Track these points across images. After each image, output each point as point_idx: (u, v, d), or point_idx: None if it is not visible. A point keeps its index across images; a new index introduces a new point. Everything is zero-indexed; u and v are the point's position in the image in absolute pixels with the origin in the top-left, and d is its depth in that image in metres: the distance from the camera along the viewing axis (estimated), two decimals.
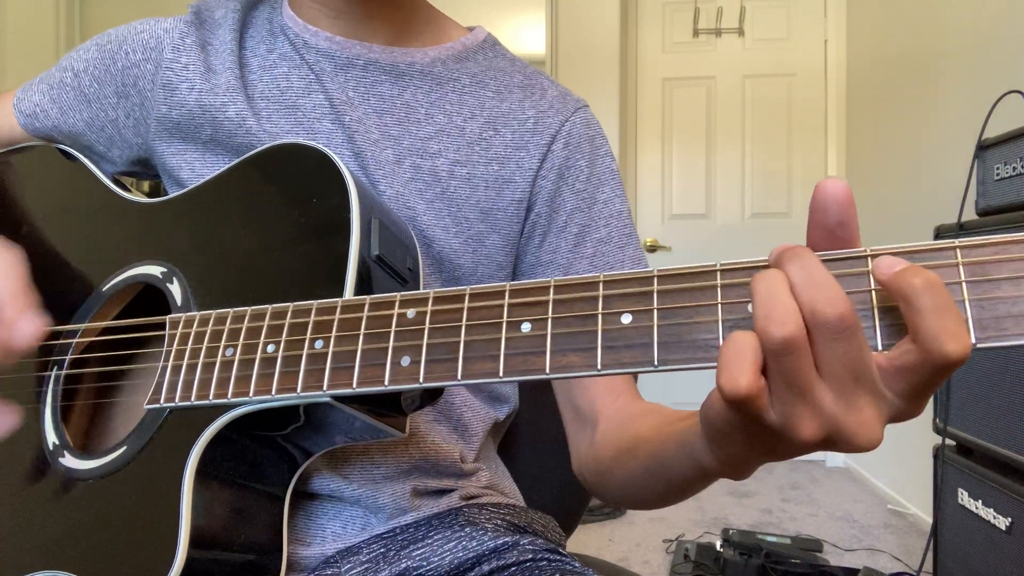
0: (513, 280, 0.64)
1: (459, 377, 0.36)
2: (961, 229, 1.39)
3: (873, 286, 0.30)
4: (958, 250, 0.29)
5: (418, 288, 0.52)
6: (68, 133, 0.64)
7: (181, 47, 0.59)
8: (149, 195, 0.59)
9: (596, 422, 0.58)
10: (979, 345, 0.28)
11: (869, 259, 0.31)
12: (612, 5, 2.76)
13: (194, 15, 0.61)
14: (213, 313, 0.45)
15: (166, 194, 0.60)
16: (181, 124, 0.59)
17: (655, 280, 0.34)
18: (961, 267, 0.29)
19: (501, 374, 0.35)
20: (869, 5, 2.80)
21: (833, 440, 0.30)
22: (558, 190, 0.62)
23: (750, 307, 0.31)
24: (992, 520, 1.28)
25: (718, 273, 0.33)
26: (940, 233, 1.47)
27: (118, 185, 0.61)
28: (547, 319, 0.35)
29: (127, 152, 0.63)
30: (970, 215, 1.42)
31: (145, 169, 0.65)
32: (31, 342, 0.43)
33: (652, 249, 3.15)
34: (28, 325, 0.42)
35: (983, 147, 1.40)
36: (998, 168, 1.35)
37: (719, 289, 0.32)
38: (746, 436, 0.32)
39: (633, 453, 0.49)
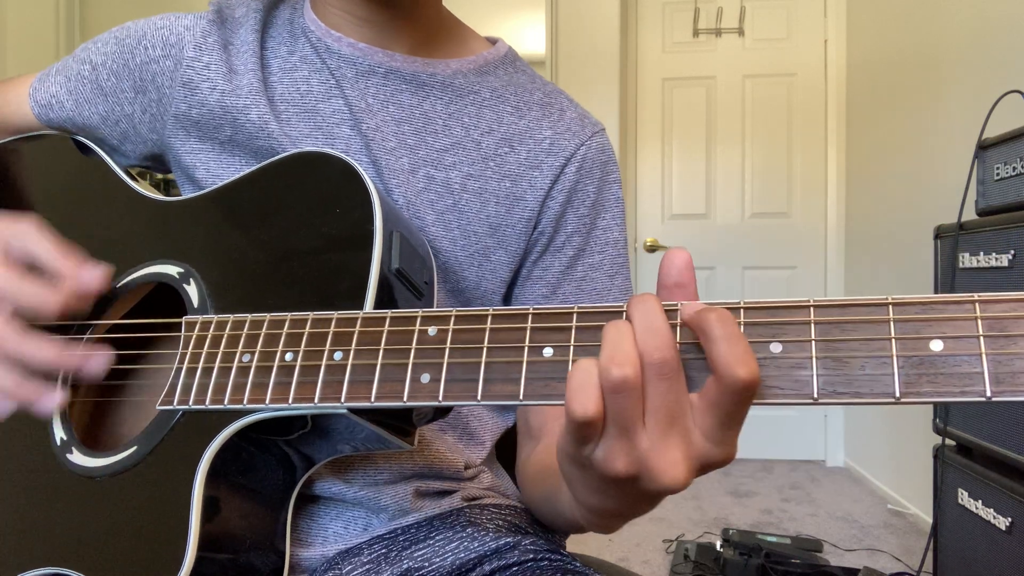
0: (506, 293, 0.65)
1: (479, 398, 0.36)
2: (961, 229, 1.39)
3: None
4: (977, 304, 0.30)
5: (433, 301, 0.52)
6: (82, 126, 0.63)
7: (203, 46, 0.59)
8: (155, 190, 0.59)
9: (539, 440, 0.60)
10: (995, 399, 0.29)
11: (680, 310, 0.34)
12: (612, 5, 2.76)
13: (215, 13, 0.61)
14: (231, 318, 0.45)
15: (176, 191, 0.60)
16: (200, 123, 0.58)
17: (679, 314, 0.34)
18: (979, 321, 0.30)
19: (521, 397, 0.35)
20: (869, 5, 2.80)
21: (641, 477, 0.32)
22: (563, 212, 0.62)
23: (772, 347, 0.32)
24: (992, 520, 1.28)
25: (741, 311, 0.33)
26: (940, 233, 1.48)
27: (131, 179, 0.60)
28: (570, 346, 0.35)
29: (141, 147, 0.63)
30: (970, 215, 1.42)
31: (157, 165, 0.65)
32: (100, 284, 0.47)
33: (652, 249, 3.16)
34: (90, 271, 0.47)
35: (983, 147, 1.40)
36: (998, 168, 1.35)
37: (741, 327, 0.33)
38: (577, 468, 0.35)
39: (539, 480, 0.53)
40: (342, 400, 0.39)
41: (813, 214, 3.10)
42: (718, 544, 1.99)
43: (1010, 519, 1.23)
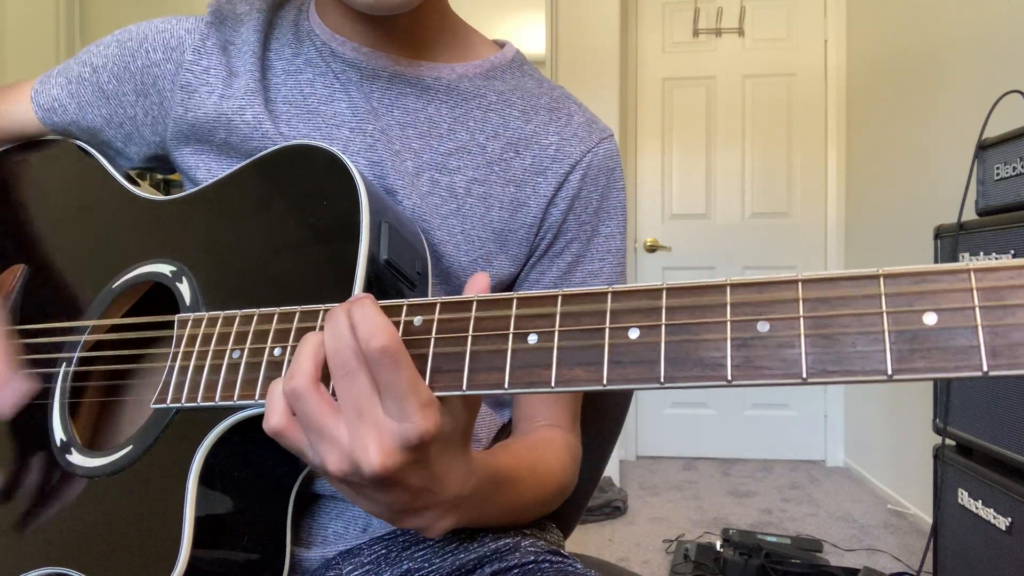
0: None
1: (464, 387, 0.36)
2: (961, 229, 1.39)
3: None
4: (972, 273, 0.28)
5: (427, 290, 0.52)
6: (87, 128, 0.63)
7: (202, 49, 0.59)
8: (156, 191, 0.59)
9: (511, 432, 0.62)
10: (992, 373, 0.27)
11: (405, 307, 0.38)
12: (612, 5, 2.76)
13: (214, 15, 0.61)
14: (221, 314, 0.46)
15: (178, 191, 0.61)
16: (196, 126, 0.59)
17: (664, 294, 0.33)
18: (975, 292, 0.28)
19: (506, 386, 0.35)
20: (869, 5, 2.80)
21: (354, 471, 0.36)
22: (565, 218, 0.61)
23: (760, 326, 0.31)
24: (992, 520, 1.28)
25: (727, 289, 0.32)
26: (940, 233, 1.47)
27: (130, 181, 0.61)
28: (554, 331, 0.35)
29: (144, 149, 0.63)
30: (970, 215, 1.42)
31: (161, 166, 0.65)
32: (12, 411, 0.49)
33: (652, 249, 3.16)
34: (9, 394, 0.49)
35: (983, 147, 1.40)
36: (998, 168, 1.35)
37: (728, 307, 0.32)
38: (327, 480, 0.39)
39: None
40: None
41: (813, 214, 3.10)
42: (718, 544, 1.99)
43: (1010, 519, 1.23)
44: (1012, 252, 1.24)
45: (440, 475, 0.39)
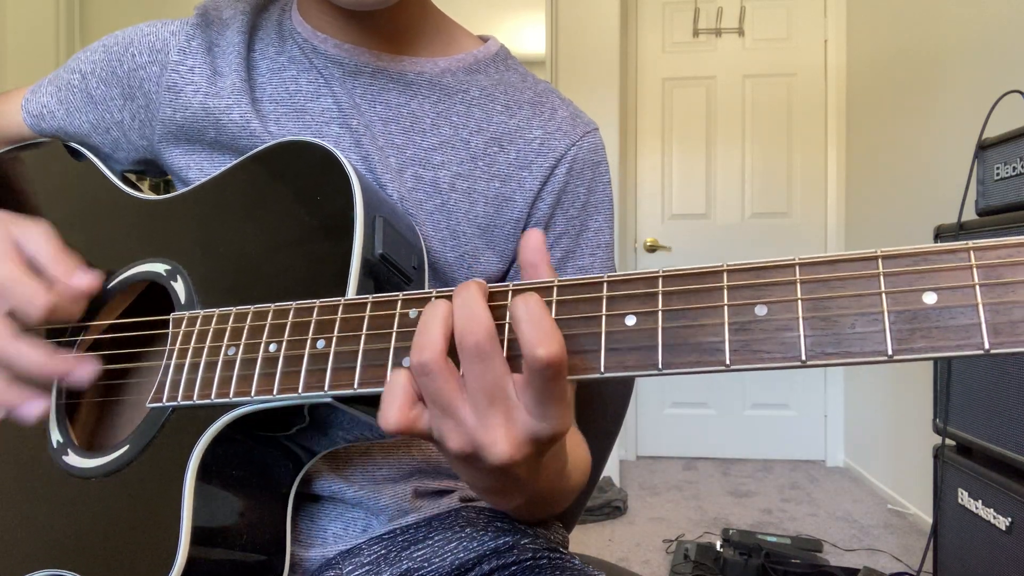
0: None
1: None
2: (961, 229, 1.39)
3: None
4: (971, 252, 0.28)
5: (423, 285, 0.52)
6: (74, 134, 0.64)
7: (187, 49, 0.59)
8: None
9: None
10: (993, 351, 0.27)
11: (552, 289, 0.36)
12: (612, 5, 2.76)
13: (200, 17, 0.61)
14: (216, 312, 0.46)
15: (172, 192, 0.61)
16: (185, 126, 0.59)
17: (660, 280, 0.33)
18: (975, 270, 0.28)
19: None
20: (869, 5, 2.80)
21: (475, 454, 0.35)
22: (552, 214, 0.61)
23: (757, 309, 0.31)
24: (992, 520, 1.28)
25: (724, 274, 0.32)
26: (940, 233, 1.47)
27: (125, 182, 0.61)
28: None
29: (132, 153, 0.64)
30: (970, 215, 1.42)
31: (151, 169, 0.66)
32: (90, 288, 0.47)
33: (652, 249, 3.15)
34: (80, 275, 0.47)
35: (983, 147, 1.40)
36: (998, 168, 1.35)
37: (726, 290, 0.32)
38: (438, 448, 0.37)
39: None
40: (326, 388, 0.39)
41: (813, 214, 3.10)
42: (718, 544, 1.99)
43: (1010, 519, 1.23)
44: None
45: (541, 469, 0.39)
